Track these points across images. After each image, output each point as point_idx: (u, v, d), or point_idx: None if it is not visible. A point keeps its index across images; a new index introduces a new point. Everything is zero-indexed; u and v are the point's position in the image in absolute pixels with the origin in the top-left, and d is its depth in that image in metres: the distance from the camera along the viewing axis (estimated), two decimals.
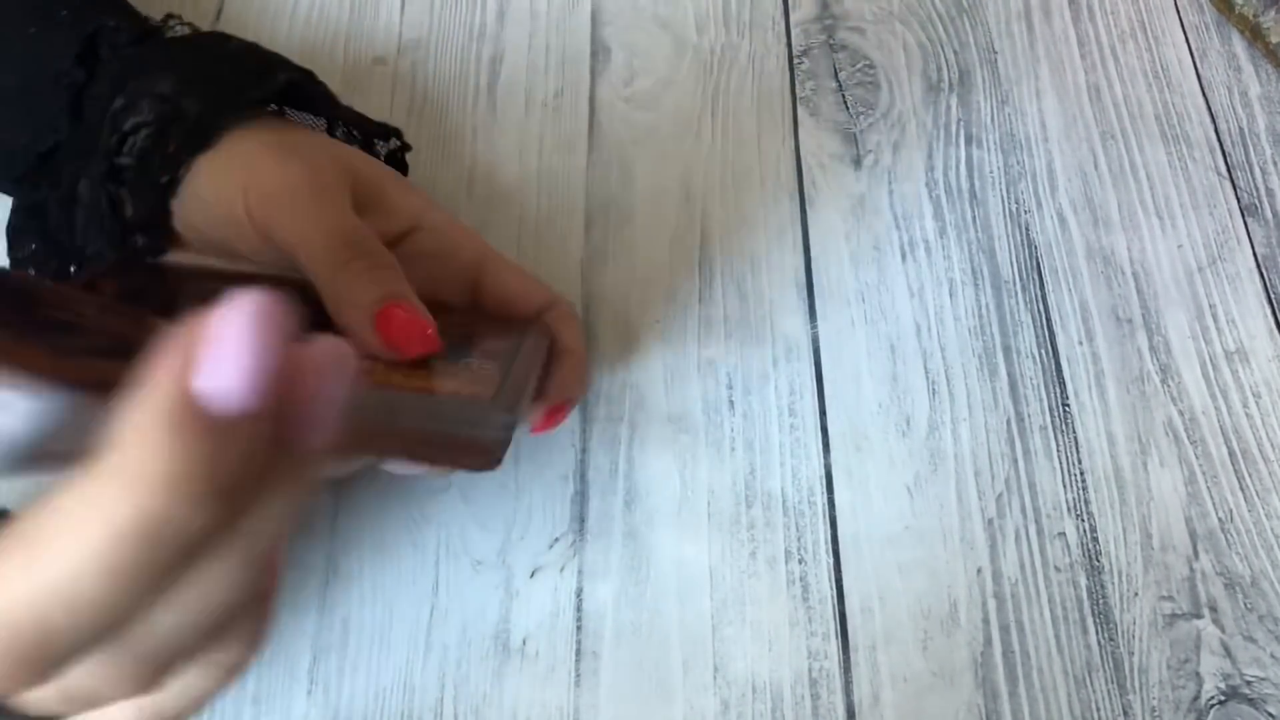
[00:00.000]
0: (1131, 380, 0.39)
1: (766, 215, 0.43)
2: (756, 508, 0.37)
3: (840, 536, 0.36)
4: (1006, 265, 0.42)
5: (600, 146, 0.44)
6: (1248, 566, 0.36)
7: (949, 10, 0.48)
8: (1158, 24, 0.47)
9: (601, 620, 0.35)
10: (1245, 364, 0.40)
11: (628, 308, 0.41)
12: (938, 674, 0.34)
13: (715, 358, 0.40)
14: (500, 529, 0.37)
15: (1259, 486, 0.37)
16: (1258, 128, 0.45)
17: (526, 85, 0.46)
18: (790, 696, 0.34)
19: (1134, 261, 0.42)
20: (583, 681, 0.34)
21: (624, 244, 0.42)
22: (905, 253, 0.42)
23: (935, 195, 0.43)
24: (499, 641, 0.35)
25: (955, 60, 0.46)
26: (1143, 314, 0.41)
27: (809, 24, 0.47)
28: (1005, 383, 0.39)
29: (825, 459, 0.38)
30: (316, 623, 0.35)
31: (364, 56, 0.46)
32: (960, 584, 0.36)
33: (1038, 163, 0.44)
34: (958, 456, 0.38)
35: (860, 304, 0.41)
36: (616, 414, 0.39)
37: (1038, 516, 0.37)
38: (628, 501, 0.37)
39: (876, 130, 0.45)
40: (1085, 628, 0.35)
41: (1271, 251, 0.42)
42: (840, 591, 0.36)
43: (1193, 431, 0.38)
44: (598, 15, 0.47)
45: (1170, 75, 0.46)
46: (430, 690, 0.34)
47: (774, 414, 0.39)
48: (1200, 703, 0.34)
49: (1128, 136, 0.45)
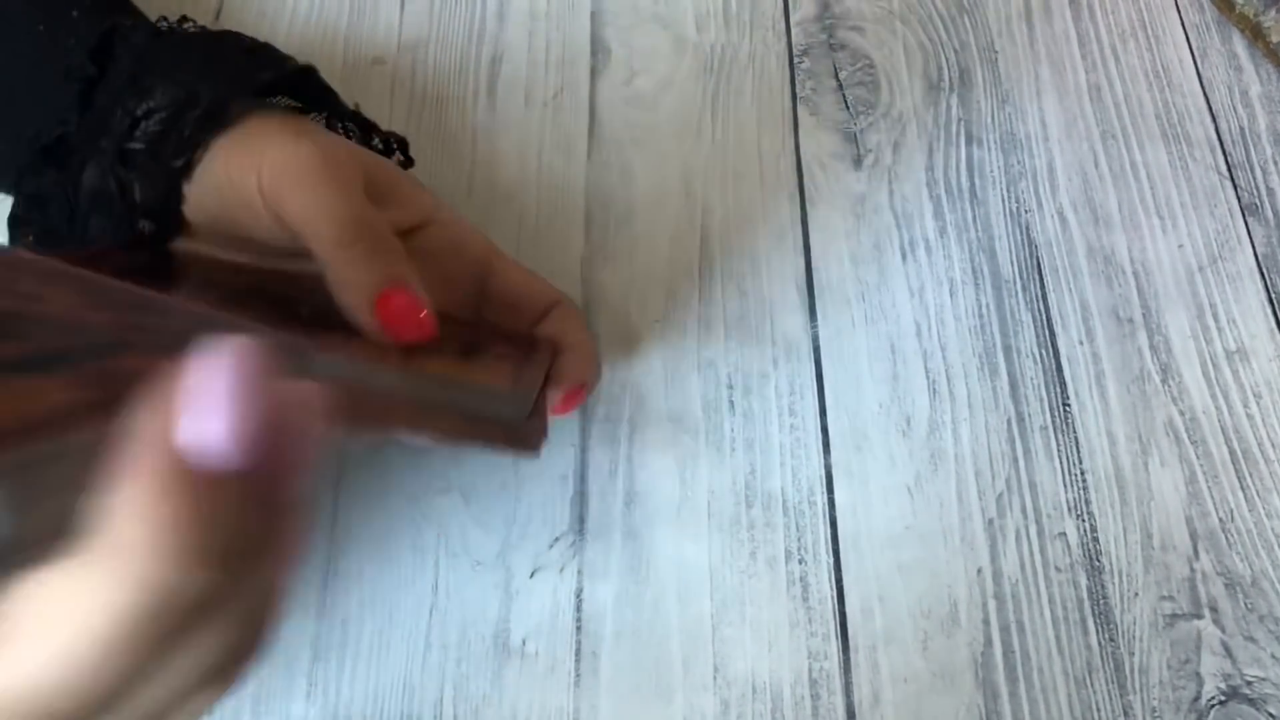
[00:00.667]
0: (1132, 380, 0.39)
1: (766, 215, 0.43)
2: (756, 508, 0.37)
3: (840, 537, 0.36)
4: (1007, 265, 0.42)
5: (600, 146, 0.44)
6: (1248, 566, 0.36)
7: (949, 10, 0.48)
8: (1158, 23, 0.47)
9: (601, 620, 0.35)
10: (1246, 363, 0.40)
11: (628, 307, 0.41)
12: (938, 674, 0.34)
13: (715, 358, 0.40)
14: (500, 529, 0.37)
15: (1260, 486, 0.37)
16: (1258, 127, 0.45)
17: (526, 85, 0.45)
18: (790, 696, 0.34)
19: (1134, 261, 0.42)
20: (582, 681, 0.34)
21: (624, 244, 0.42)
22: (905, 252, 0.42)
23: (935, 195, 0.43)
24: (499, 642, 0.35)
25: (955, 60, 0.46)
26: (1143, 313, 0.41)
27: (809, 23, 0.47)
28: (1005, 382, 0.39)
29: (825, 459, 0.38)
30: (316, 623, 0.35)
31: (363, 56, 0.46)
32: (960, 584, 0.36)
33: (1038, 162, 0.44)
34: (958, 456, 0.38)
35: (860, 304, 0.41)
36: (616, 414, 0.39)
37: (1038, 516, 0.37)
38: (627, 501, 0.37)
39: (876, 130, 0.45)
40: (1085, 628, 0.35)
41: (1272, 251, 0.42)
42: (840, 592, 0.36)
43: (1193, 431, 0.38)
44: (598, 15, 0.47)
45: (1171, 75, 0.46)
46: (430, 690, 0.34)
47: (774, 414, 0.39)
48: (1200, 703, 0.34)
49: (1128, 136, 0.44)
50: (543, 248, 0.42)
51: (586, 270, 0.41)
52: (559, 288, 0.36)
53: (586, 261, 0.41)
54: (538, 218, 0.42)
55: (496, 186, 0.43)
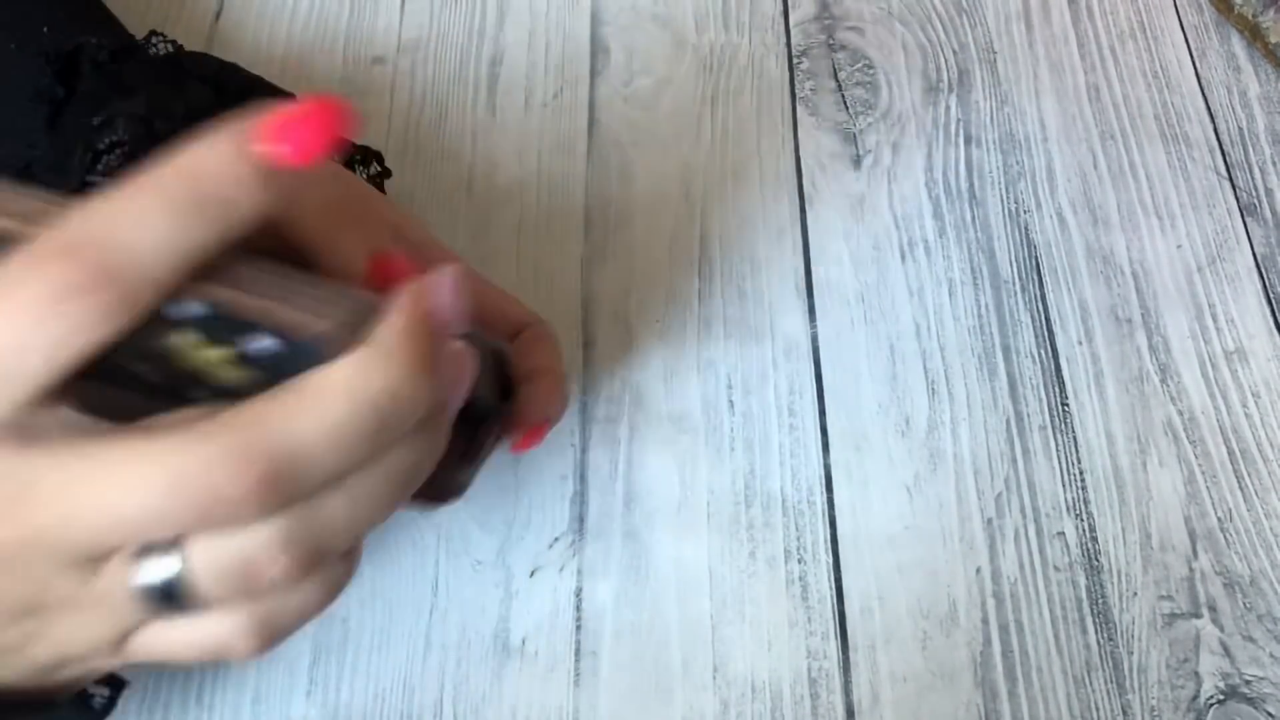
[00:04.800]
0: (1131, 380, 0.39)
1: (766, 215, 0.43)
2: (756, 508, 0.37)
3: (840, 536, 0.37)
4: (1006, 265, 0.42)
5: (600, 146, 0.44)
6: (1247, 566, 0.36)
7: (948, 10, 0.48)
8: (1157, 24, 0.48)
9: (601, 620, 0.35)
10: (1244, 364, 0.40)
11: (627, 308, 0.41)
12: (937, 674, 0.35)
13: (715, 358, 0.40)
14: (500, 529, 0.37)
15: (1258, 486, 0.37)
16: (1257, 128, 0.45)
17: (526, 85, 0.46)
18: (790, 696, 0.34)
19: (1133, 261, 0.42)
20: (582, 681, 0.34)
21: (624, 244, 0.42)
22: (905, 253, 0.42)
23: (935, 195, 0.43)
24: (498, 641, 0.35)
25: (954, 60, 0.47)
26: (1142, 314, 0.41)
27: (808, 24, 0.47)
28: (1005, 383, 0.39)
29: (825, 459, 0.38)
30: (316, 623, 0.35)
31: (363, 56, 0.46)
32: (960, 584, 0.36)
33: (1037, 163, 0.44)
34: (957, 456, 0.38)
35: (860, 304, 0.41)
36: (616, 414, 0.39)
37: (1037, 516, 0.37)
38: (627, 501, 0.37)
39: (876, 130, 0.45)
40: (1084, 627, 0.35)
41: (1271, 251, 0.42)
42: (840, 591, 0.36)
43: (1192, 431, 0.38)
44: (597, 15, 0.47)
45: (1169, 75, 0.46)
46: (430, 690, 0.34)
47: (773, 414, 0.39)
48: (1199, 702, 0.34)
49: (1127, 136, 0.45)
50: (543, 248, 0.42)
51: (586, 271, 0.41)
52: (559, 288, 0.36)
53: (586, 261, 0.42)
54: (538, 218, 0.42)
55: (496, 186, 0.43)
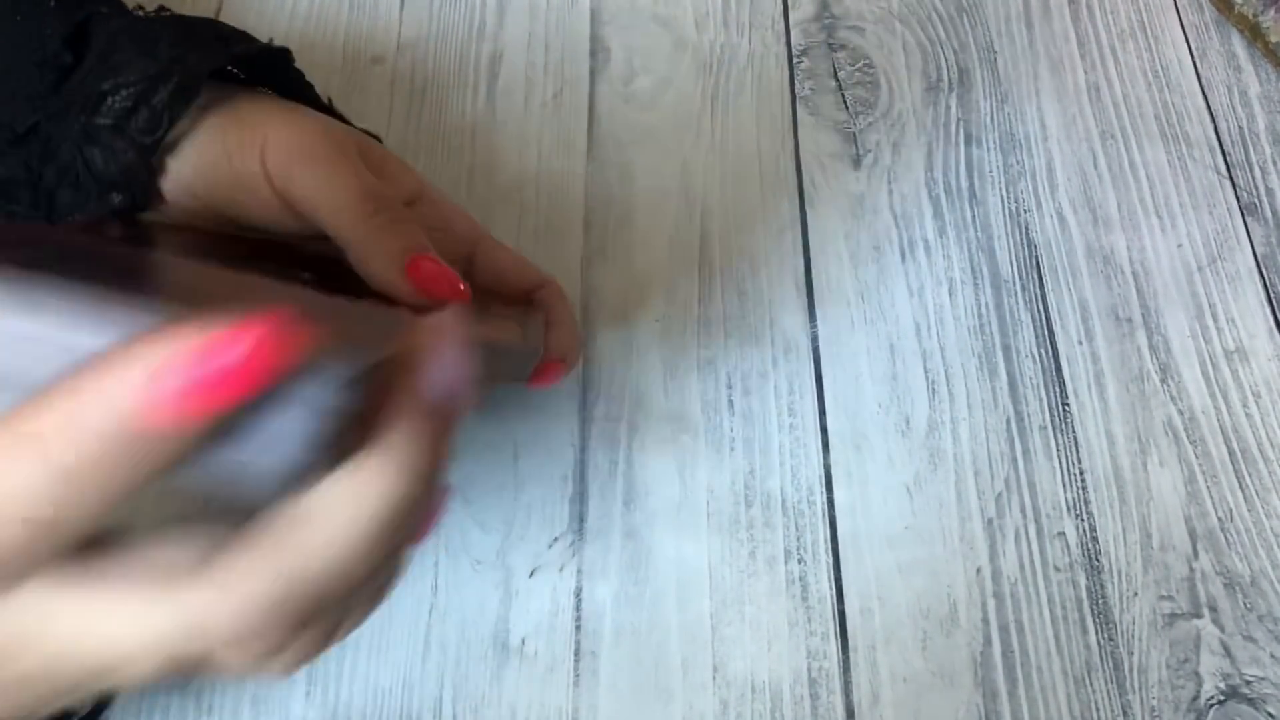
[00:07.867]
0: (1131, 380, 0.39)
1: (766, 215, 0.43)
2: (756, 508, 0.37)
3: (840, 536, 0.36)
4: (1006, 265, 0.42)
5: (600, 146, 0.44)
6: (1247, 566, 0.36)
7: (948, 10, 0.48)
8: (1157, 23, 0.47)
9: (600, 620, 0.35)
10: (1245, 363, 0.40)
11: (627, 307, 0.41)
12: (937, 674, 0.34)
13: (715, 357, 0.40)
14: (499, 529, 0.37)
15: (1258, 486, 0.37)
16: (1257, 127, 0.45)
17: (526, 84, 0.45)
18: (790, 696, 0.34)
19: (1133, 261, 0.42)
20: (582, 681, 0.34)
21: (624, 244, 0.42)
22: (905, 252, 0.42)
23: (935, 195, 0.43)
24: (498, 641, 0.35)
25: (955, 60, 0.46)
26: (1142, 313, 0.41)
27: (809, 23, 0.47)
28: (1005, 382, 0.39)
29: (825, 459, 0.38)
30: None
31: (363, 55, 0.46)
32: (960, 584, 0.36)
33: (1037, 162, 0.44)
34: (957, 456, 0.38)
35: (860, 304, 0.41)
36: (616, 414, 0.39)
37: (1037, 516, 0.37)
38: (627, 501, 0.37)
39: (876, 130, 0.45)
40: (1085, 627, 0.35)
41: (1271, 251, 0.42)
42: (840, 591, 0.36)
43: (1192, 431, 0.38)
44: (597, 14, 0.47)
45: (1170, 75, 0.46)
46: (429, 690, 0.34)
47: (774, 414, 0.39)
48: (1200, 702, 0.34)
49: (1127, 136, 0.44)
50: (543, 247, 0.42)
51: (586, 270, 0.41)
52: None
53: (586, 261, 0.41)
54: (537, 217, 0.42)
55: (496, 185, 0.43)
